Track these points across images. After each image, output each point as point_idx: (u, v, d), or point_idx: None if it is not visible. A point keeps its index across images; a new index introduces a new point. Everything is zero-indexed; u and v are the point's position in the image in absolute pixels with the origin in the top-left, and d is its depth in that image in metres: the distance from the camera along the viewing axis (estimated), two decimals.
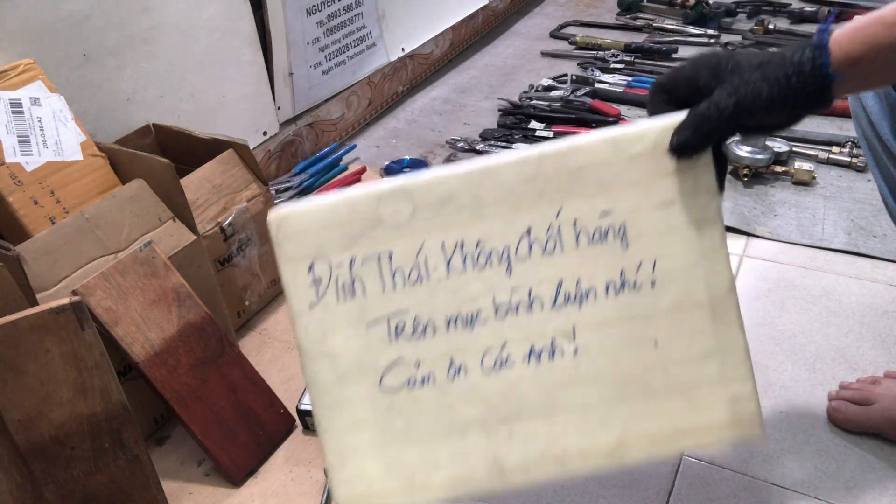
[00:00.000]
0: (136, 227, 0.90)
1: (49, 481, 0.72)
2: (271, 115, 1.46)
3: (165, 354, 0.85)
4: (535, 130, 1.62)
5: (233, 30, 1.31)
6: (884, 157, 0.81)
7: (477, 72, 2.00)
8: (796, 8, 2.13)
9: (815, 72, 0.51)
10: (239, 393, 0.90)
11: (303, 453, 0.91)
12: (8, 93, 0.91)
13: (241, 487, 0.88)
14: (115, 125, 1.11)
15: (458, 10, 2.04)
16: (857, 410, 0.86)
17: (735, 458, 0.85)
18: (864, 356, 0.98)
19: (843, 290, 1.10)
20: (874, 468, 0.83)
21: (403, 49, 1.82)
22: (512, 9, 2.37)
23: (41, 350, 0.68)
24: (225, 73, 1.32)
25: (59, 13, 1.01)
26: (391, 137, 1.69)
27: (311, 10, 1.48)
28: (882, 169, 0.84)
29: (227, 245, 1.04)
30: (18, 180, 0.89)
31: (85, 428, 0.72)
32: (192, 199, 0.99)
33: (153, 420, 0.95)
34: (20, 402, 0.69)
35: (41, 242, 0.82)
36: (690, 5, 2.15)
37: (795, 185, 1.36)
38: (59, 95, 0.96)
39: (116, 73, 1.11)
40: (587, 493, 0.82)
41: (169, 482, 0.87)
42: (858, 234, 1.21)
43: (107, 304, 0.82)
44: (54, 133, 0.94)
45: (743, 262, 1.18)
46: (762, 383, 0.95)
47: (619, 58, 1.93)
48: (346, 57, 1.62)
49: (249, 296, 1.12)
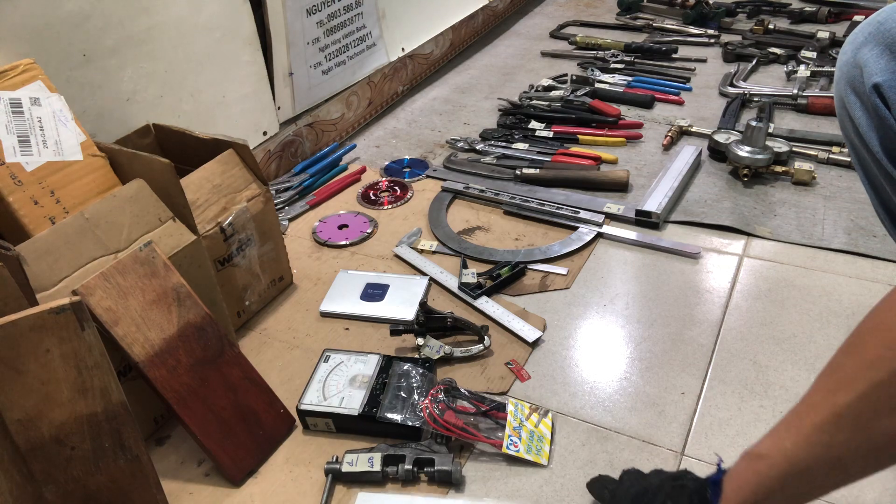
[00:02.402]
0: (136, 227, 0.90)
1: (49, 481, 0.72)
2: (271, 115, 1.46)
3: (165, 354, 0.85)
4: (535, 130, 1.62)
5: (233, 30, 1.31)
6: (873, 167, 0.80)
7: (477, 72, 2.00)
8: (796, 8, 2.13)
9: None
10: (239, 393, 0.90)
11: (303, 453, 0.91)
12: (8, 93, 0.91)
13: (241, 487, 0.88)
14: (115, 125, 1.11)
15: (458, 10, 2.04)
16: None
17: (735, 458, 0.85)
18: None
19: (843, 290, 1.10)
20: None
21: (403, 49, 1.82)
22: (512, 9, 2.37)
23: (41, 350, 0.68)
24: (225, 73, 1.32)
25: (59, 13, 1.01)
26: (391, 137, 1.69)
27: (311, 10, 1.48)
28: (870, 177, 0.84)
29: (227, 245, 1.04)
30: (18, 180, 0.89)
31: (85, 428, 0.72)
32: (192, 199, 0.99)
33: (153, 420, 0.95)
34: (20, 402, 0.68)
35: (41, 242, 0.82)
36: (690, 5, 2.15)
37: (795, 185, 1.36)
38: (59, 95, 0.96)
39: (116, 73, 1.11)
40: (587, 493, 0.82)
41: (169, 482, 0.87)
42: (858, 234, 1.21)
43: (107, 304, 0.82)
44: (54, 133, 0.94)
45: (743, 262, 1.18)
46: (762, 383, 0.95)
47: (619, 58, 1.93)
48: (346, 57, 1.62)
49: (249, 296, 1.12)
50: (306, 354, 1.06)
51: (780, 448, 0.57)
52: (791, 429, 0.57)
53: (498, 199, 1.37)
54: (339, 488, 0.86)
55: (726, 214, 1.28)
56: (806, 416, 0.56)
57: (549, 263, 1.21)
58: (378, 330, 1.09)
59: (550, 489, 0.84)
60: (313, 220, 1.38)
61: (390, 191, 1.45)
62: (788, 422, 0.58)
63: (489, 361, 1.02)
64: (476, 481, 0.85)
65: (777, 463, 0.57)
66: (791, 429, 0.57)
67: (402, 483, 0.85)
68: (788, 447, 0.56)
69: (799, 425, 0.56)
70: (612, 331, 1.07)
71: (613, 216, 1.30)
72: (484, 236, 1.30)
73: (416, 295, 1.14)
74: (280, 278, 1.18)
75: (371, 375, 0.95)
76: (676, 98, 1.72)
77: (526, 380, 0.99)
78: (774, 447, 0.58)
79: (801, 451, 0.55)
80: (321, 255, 1.29)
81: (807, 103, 1.60)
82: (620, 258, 1.22)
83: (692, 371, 0.98)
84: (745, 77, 1.79)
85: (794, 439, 0.56)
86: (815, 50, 1.85)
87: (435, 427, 0.86)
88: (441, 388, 0.91)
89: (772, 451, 0.58)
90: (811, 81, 1.73)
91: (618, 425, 0.91)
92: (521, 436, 0.88)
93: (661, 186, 1.33)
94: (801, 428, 0.56)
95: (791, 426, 0.57)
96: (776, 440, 0.58)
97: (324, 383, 0.95)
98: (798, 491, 0.57)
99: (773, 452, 0.57)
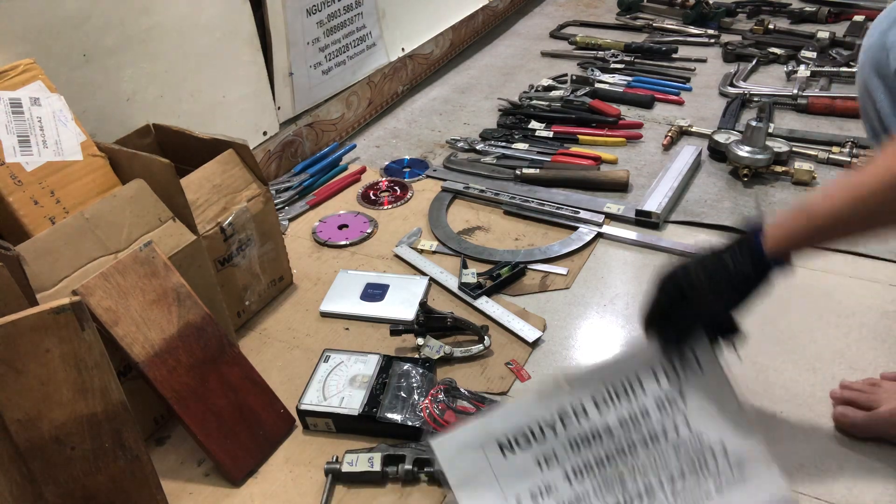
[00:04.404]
0: (136, 227, 0.90)
1: (49, 481, 0.72)
2: (271, 115, 1.46)
3: (165, 354, 0.85)
4: (535, 130, 1.62)
5: (233, 30, 1.31)
6: None
7: (477, 72, 2.00)
8: (796, 8, 2.13)
9: (760, 274, 0.70)
10: (239, 393, 0.90)
11: (303, 453, 0.91)
12: (8, 93, 0.91)
13: (241, 487, 0.88)
14: (115, 125, 1.11)
15: (458, 10, 2.04)
16: (865, 416, 0.85)
17: None
18: (864, 356, 0.98)
19: (843, 290, 1.10)
20: (875, 468, 0.83)
21: (403, 49, 1.82)
22: (512, 9, 2.36)
23: (41, 350, 0.68)
24: (225, 73, 1.32)
25: (59, 13, 1.01)
26: (391, 137, 1.69)
27: (311, 10, 1.48)
28: None
29: (227, 245, 1.04)
30: (18, 180, 0.89)
31: (85, 428, 0.72)
32: (192, 199, 0.99)
33: (153, 420, 0.95)
34: (20, 402, 0.68)
35: (41, 242, 0.82)
36: (690, 5, 2.15)
37: (795, 185, 1.35)
38: (59, 95, 0.95)
39: (116, 73, 1.11)
40: None
41: (169, 482, 0.87)
42: None
43: (107, 304, 0.82)
44: (54, 133, 0.94)
45: None
46: (762, 383, 0.95)
47: (619, 58, 1.93)
48: (346, 57, 1.62)
49: (249, 296, 1.12)
50: (306, 354, 1.06)
51: (828, 202, 0.66)
52: (841, 188, 0.66)
53: (498, 199, 1.37)
54: (339, 488, 0.86)
55: (726, 214, 1.28)
56: (857, 181, 0.64)
57: (549, 263, 1.20)
58: (378, 330, 1.09)
59: None
60: (313, 220, 1.38)
61: (390, 191, 1.45)
62: (838, 184, 0.67)
63: (489, 361, 1.02)
64: None
65: (821, 213, 0.66)
66: (841, 188, 0.66)
67: (402, 483, 0.85)
68: (836, 202, 0.65)
69: (848, 186, 0.65)
70: (612, 331, 1.07)
71: (613, 216, 1.30)
72: (484, 236, 1.30)
73: (416, 295, 1.14)
74: (280, 278, 1.18)
75: (371, 375, 0.95)
76: (676, 98, 1.72)
77: (526, 380, 0.99)
78: (820, 201, 0.66)
79: (846, 206, 0.65)
80: (321, 255, 1.29)
81: (807, 103, 1.60)
82: (620, 258, 1.22)
83: None
84: (745, 77, 1.79)
85: (841, 195, 0.65)
86: (815, 50, 1.85)
87: (435, 427, 0.86)
88: (441, 388, 0.91)
89: (817, 204, 0.67)
90: (811, 81, 1.72)
91: None
92: None
93: (661, 186, 1.33)
94: (850, 188, 0.65)
95: (841, 186, 0.66)
96: (825, 197, 0.66)
97: (324, 383, 0.95)
98: (830, 236, 0.69)
99: (818, 205, 0.66)
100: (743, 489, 0.73)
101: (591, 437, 0.74)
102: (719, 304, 0.72)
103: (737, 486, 0.73)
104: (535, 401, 0.75)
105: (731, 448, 0.74)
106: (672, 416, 0.75)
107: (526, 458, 0.74)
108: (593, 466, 0.74)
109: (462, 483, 0.73)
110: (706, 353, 0.76)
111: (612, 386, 0.75)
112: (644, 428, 0.74)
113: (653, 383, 0.76)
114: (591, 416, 0.74)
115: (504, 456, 0.74)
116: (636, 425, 0.75)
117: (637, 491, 0.73)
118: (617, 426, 0.74)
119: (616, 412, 0.75)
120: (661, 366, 0.76)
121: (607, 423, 0.74)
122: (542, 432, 0.74)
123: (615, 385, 0.75)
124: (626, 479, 0.73)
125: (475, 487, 0.73)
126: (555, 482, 0.73)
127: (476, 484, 0.73)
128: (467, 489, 0.73)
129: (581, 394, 0.75)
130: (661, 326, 0.75)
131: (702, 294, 0.71)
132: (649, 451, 0.74)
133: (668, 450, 0.74)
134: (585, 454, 0.74)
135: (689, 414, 0.75)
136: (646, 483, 0.73)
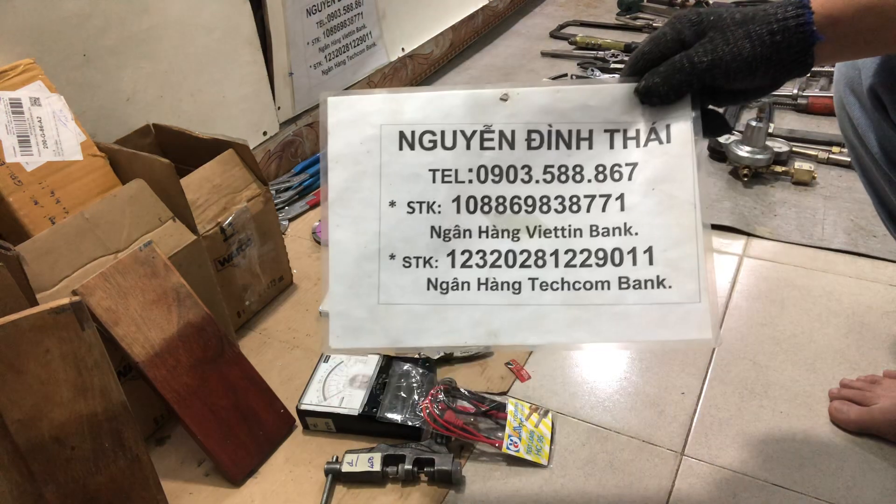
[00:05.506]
0: (136, 227, 0.90)
1: (49, 481, 0.72)
2: (271, 115, 1.46)
3: (165, 354, 0.85)
4: None
5: (233, 30, 1.31)
6: (872, 167, 0.81)
7: (477, 72, 2.00)
8: None
9: (799, 29, 0.53)
10: (239, 393, 0.90)
11: (303, 453, 0.91)
12: (8, 93, 0.91)
13: (241, 487, 0.88)
14: (115, 125, 1.11)
15: (458, 10, 2.04)
16: (859, 411, 0.86)
17: (735, 458, 0.85)
18: (864, 356, 0.98)
19: (843, 290, 1.10)
20: (874, 468, 0.83)
21: (403, 49, 1.82)
22: (512, 9, 2.36)
23: (41, 350, 0.68)
24: (225, 73, 1.32)
25: (59, 13, 1.01)
26: None
27: (311, 10, 1.48)
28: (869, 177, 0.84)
29: (227, 245, 1.04)
30: (18, 180, 0.89)
31: (85, 428, 0.72)
32: (192, 199, 0.99)
33: (153, 420, 0.95)
34: (20, 402, 0.68)
35: (41, 242, 0.82)
36: (690, 5, 2.15)
37: (795, 185, 1.35)
38: (59, 95, 0.95)
39: (116, 73, 1.11)
40: (586, 493, 0.82)
41: (169, 482, 0.87)
42: (858, 234, 1.21)
43: (107, 304, 0.82)
44: (54, 133, 0.94)
45: (743, 262, 1.18)
46: (762, 383, 0.95)
47: (619, 58, 1.93)
48: (346, 57, 1.62)
49: (249, 296, 1.12)
50: (306, 354, 1.06)
51: None
52: None
53: None
54: (339, 488, 0.86)
55: (726, 214, 1.28)
56: None
57: None
58: None
59: (550, 489, 0.84)
60: (313, 220, 1.38)
61: None
62: None
63: (489, 361, 1.02)
64: (476, 481, 0.85)
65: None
66: None
67: (402, 483, 0.85)
68: None
69: None
70: None
71: None
72: None
73: None
74: (280, 278, 1.18)
75: (371, 375, 0.95)
76: None
77: (526, 380, 0.99)
78: None
79: None
80: (321, 255, 1.29)
81: (807, 103, 1.60)
82: None
83: (692, 371, 0.98)
84: None
85: None
86: None
87: (435, 427, 0.86)
88: (441, 388, 0.91)
89: None
90: (811, 81, 1.73)
91: (618, 425, 0.91)
92: (521, 436, 0.88)
93: None
94: None
95: None
96: None
97: (324, 383, 0.95)
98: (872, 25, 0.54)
99: None
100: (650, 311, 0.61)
101: (505, 171, 0.62)
102: (741, 59, 0.54)
103: (646, 305, 0.61)
104: (463, 102, 0.62)
105: (660, 257, 0.60)
106: (608, 191, 0.61)
107: (421, 161, 0.62)
108: (492, 204, 0.62)
109: (337, 159, 0.62)
110: (683, 132, 0.59)
111: (557, 125, 0.61)
112: (569, 189, 0.61)
113: (604, 145, 0.61)
114: (517, 149, 0.62)
115: (400, 149, 0.62)
116: (562, 183, 0.61)
117: (528, 255, 0.61)
118: (540, 173, 0.62)
119: (545, 157, 0.62)
120: (622, 127, 0.61)
121: (530, 164, 0.62)
122: (453, 140, 0.62)
123: (560, 126, 0.61)
124: (522, 237, 0.62)
125: (353, 177, 0.61)
126: (442, 202, 0.62)
127: (355, 173, 0.61)
128: (339, 170, 0.61)
129: (518, 118, 0.62)
130: (650, 72, 0.58)
131: (727, 30, 0.54)
132: (562, 217, 0.61)
133: (585, 228, 0.61)
134: (489, 187, 0.62)
135: (629, 197, 0.61)
136: (538, 251, 0.61)
